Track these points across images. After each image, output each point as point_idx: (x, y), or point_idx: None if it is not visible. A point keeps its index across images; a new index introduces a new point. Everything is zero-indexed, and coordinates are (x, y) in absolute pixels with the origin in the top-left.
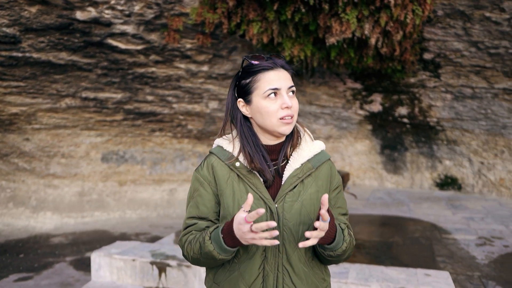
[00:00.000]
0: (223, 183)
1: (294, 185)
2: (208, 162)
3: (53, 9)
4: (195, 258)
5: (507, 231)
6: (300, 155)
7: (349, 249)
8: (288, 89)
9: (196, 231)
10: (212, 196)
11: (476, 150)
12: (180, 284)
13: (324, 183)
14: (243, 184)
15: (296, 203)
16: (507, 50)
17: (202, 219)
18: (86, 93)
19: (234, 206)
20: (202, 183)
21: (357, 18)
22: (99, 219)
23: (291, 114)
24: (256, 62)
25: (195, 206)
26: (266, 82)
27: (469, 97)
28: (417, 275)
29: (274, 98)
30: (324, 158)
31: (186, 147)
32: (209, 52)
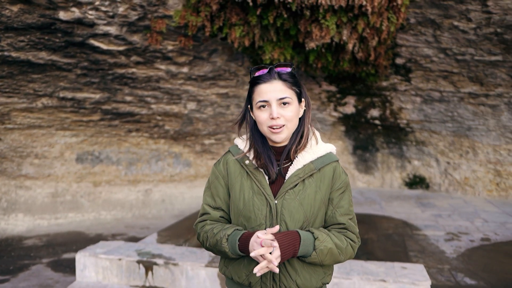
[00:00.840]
0: (233, 178)
1: (294, 183)
2: (224, 158)
3: (35, 9)
4: (209, 248)
5: (473, 227)
6: (303, 157)
7: (328, 256)
8: (278, 101)
9: (210, 221)
10: (225, 189)
11: (443, 150)
12: (167, 282)
13: (325, 184)
14: (250, 180)
15: (294, 200)
16: (472, 57)
17: (216, 209)
18: (64, 93)
19: (240, 199)
20: (218, 177)
21: (336, 24)
22: (73, 220)
23: (279, 124)
24: (256, 74)
25: (211, 196)
26: (257, 95)
27: (437, 100)
28: (395, 268)
29: (264, 109)
30: (328, 160)
31: (162, 148)
32: (189, 54)
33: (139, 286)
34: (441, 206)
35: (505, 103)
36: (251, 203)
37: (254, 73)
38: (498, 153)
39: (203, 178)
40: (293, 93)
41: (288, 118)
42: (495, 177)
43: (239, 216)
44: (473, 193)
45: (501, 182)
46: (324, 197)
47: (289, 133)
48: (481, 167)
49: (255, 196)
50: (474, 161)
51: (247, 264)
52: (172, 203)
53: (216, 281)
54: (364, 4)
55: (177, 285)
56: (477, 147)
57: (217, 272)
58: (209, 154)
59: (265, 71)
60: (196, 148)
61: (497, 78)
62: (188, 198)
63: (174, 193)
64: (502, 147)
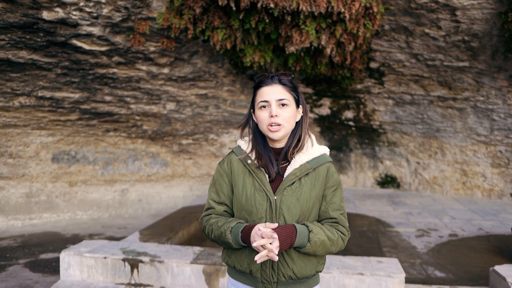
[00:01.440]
0: (236, 176)
1: (292, 181)
2: (228, 158)
3: (18, 8)
4: (213, 240)
5: (441, 223)
6: (300, 158)
7: (321, 247)
8: (277, 101)
9: (215, 214)
10: (228, 186)
11: (413, 151)
12: (153, 279)
13: (320, 182)
14: (252, 178)
15: (292, 197)
16: (442, 62)
17: (220, 204)
18: (42, 92)
19: (242, 195)
20: (222, 175)
21: (316, 29)
22: (48, 220)
23: (277, 122)
24: (258, 79)
25: (216, 192)
26: (259, 96)
27: (408, 103)
28: (371, 262)
29: (264, 109)
30: (322, 161)
31: (140, 148)
32: (171, 55)
33: (125, 284)
34: (411, 204)
35: (471, 106)
36: (253, 199)
37: (258, 79)
38: (464, 153)
39: (179, 178)
40: (291, 97)
41: (286, 118)
42: (461, 176)
43: (241, 210)
44: (441, 191)
45: (467, 181)
46: (318, 194)
47: (286, 132)
48: (448, 167)
49: (257, 192)
50: (442, 161)
51: (248, 253)
52: (149, 203)
53: (201, 277)
54: (343, 11)
55: (163, 282)
56: (445, 148)
57: (202, 268)
58: (186, 154)
59: (266, 77)
60: (173, 148)
61: (464, 82)
62: (165, 198)
63: (151, 192)
64: (468, 148)
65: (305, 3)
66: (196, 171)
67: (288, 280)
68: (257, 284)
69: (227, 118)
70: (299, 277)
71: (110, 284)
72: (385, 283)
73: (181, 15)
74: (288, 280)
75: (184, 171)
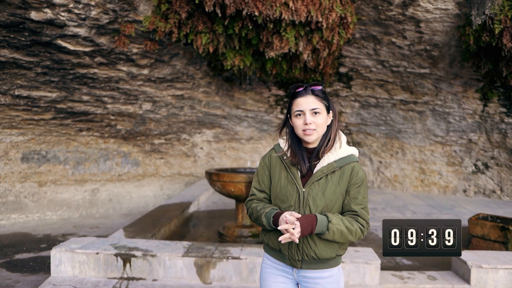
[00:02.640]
0: (274, 169)
1: (319, 177)
2: (269, 153)
3: (6, 7)
4: (253, 220)
5: (404, 217)
6: (328, 157)
7: (339, 235)
8: (311, 111)
9: (257, 200)
10: (268, 177)
11: (376, 151)
12: (145, 273)
13: (344, 179)
14: (286, 172)
15: (318, 190)
16: (405, 69)
17: (261, 191)
18: (19, 91)
19: (277, 185)
20: (263, 167)
21: (295, 37)
22: (16, 221)
23: (311, 128)
24: (295, 91)
25: (258, 181)
26: (295, 106)
27: (373, 105)
28: (349, 251)
29: (300, 117)
30: (349, 160)
31: (112, 147)
32: (152, 57)
33: (117, 278)
34: (375, 201)
35: (430, 109)
36: (285, 189)
37: (294, 90)
38: (423, 153)
39: (150, 177)
40: (322, 105)
41: (318, 124)
42: (420, 174)
43: (276, 198)
44: (402, 189)
45: (425, 178)
46: (342, 190)
47: (319, 136)
48: (408, 165)
49: (289, 184)
50: (402, 160)
51: (279, 235)
52: (119, 202)
53: (193, 269)
54: (320, 21)
55: (155, 275)
56: (406, 148)
57: (193, 261)
58: (157, 154)
59: (301, 89)
60: (145, 147)
61: (425, 88)
62: (136, 197)
63: (122, 192)
64: (426, 148)
65: (287, 12)
66: (167, 171)
67: (310, 260)
68: (285, 260)
69: (200, 118)
70: (320, 258)
71: (103, 279)
72: (363, 269)
73: (167, 19)
74: (311, 260)
75: (155, 170)
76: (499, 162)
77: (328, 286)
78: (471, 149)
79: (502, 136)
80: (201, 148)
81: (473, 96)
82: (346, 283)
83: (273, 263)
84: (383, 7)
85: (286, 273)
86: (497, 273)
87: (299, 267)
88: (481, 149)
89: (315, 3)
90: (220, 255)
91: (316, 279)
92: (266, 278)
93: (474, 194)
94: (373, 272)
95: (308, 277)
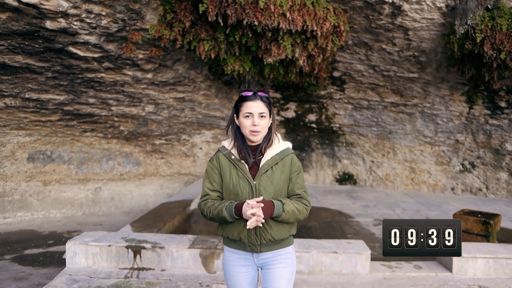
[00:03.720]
0: (224, 168)
1: (266, 169)
2: (216, 155)
3: (23, 17)
4: (211, 218)
5: (394, 214)
6: (270, 152)
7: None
8: (258, 114)
9: (211, 199)
10: (218, 176)
11: (368, 151)
12: (154, 263)
13: (286, 168)
14: (235, 169)
15: (267, 181)
16: (395, 73)
17: (214, 190)
18: (29, 94)
19: (230, 182)
20: (213, 168)
21: (291, 44)
22: (22, 219)
23: (258, 130)
24: (245, 94)
25: (209, 182)
26: (245, 108)
27: (365, 107)
28: (342, 243)
29: (248, 118)
30: (287, 152)
31: (114, 147)
32: (156, 62)
33: (128, 268)
34: (367, 198)
35: (419, 111)
36: (238, 184)
37: (243, 93)
38: (413, 153)
39: (151, 177)
40: (267, 110)
41: (263, 126)
42: (410, 173)
43: (230, 194)
44: (393, 187)
45: (415, 177)
46: (286, 177)
47: (262, 136)
48: (399, 165)
49: (240, 179)
50: (393, 160)
51: (237, 225)
52: (121, 201)
53: (198, 260)
54: (315, 29)
55: (163, 266)
56: (396, 148)
57: (199, 252)
58: (158, 154)
59: (250, 93)
60: (146, 148)
61: (414, 91)
62: (137, 196)
63: (123, 191)
64: (416, 148)
65: (284, 22)
66: (167, 170)
67: (268, 242)
68: (245, 248)
69: (200, 120)
70: (276, 239)
71: (115, 269)
72: (355, 259)
73: (171, 27)
74: (268, 242)
75: (156, 170)
76: (485, 161)
77: (285, 262)
78: (458, 149)
79: (487, 137)
80: (200, 148)
81: (459, 99)
82: (339, 272)
83: (234, 254)
84: (374, 17)
85: (247, 260)
86: (476, 261)
87: (259, 251)
88: (468, 149)
89: (310, 13)
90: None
91: (275, 258)
92: (230, 270)
93: (462, 192)
94: (364, 261)
95: (267, 258)
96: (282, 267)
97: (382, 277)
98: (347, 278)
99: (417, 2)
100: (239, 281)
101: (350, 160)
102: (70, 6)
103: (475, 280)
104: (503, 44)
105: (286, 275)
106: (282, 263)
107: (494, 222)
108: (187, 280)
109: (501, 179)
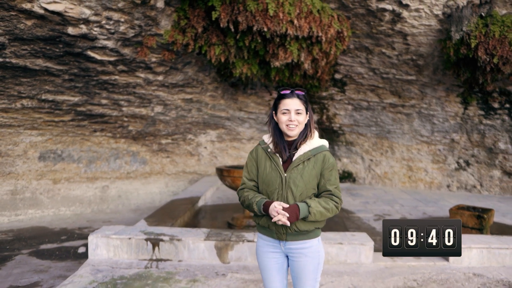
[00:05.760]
0: (260, 160)
1: (298, 164)
2: (256, 148)
3: (47, 24)
4: (245, 207)
5: (393, 210)
6: (304, 148)
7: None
8: (295, 110)
9: (247, 188)
10: (255, 167)
11: (367, 150)
12: (172, 254)
13: (318, 164)
14: (270, 161)
15: (297, 174)
16: (394, 75)
17: (250, 180)
18: (46, 95)
19: (264, 172)
20: (251, 160)
21: (297, 49)
22: (33, 216)
23: (294, 124)
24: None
25: (247, 171)
26: (283, 105)
27: (365, 108)
28: (347, 235)
29: (285, 115)
30: (320, 150)
31: (122, 147)
32: (167, 65)
33: (147, 259)
34: (367, 196)
35: (417, 112)
36: (270, 175)
37: (281, 91)
38: (410, 152)
39: (156, 175)
40: (303, 108)
41: (300, 122)
42: (407, 171)
43: (263, 183)
44: (391, 185)
45: (412, 175)
46: (317, 173)
47: (299, 131)
48: (397, 163)
49: (273, 171)
50: (392, 159)
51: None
52: (128, 198)
53: (213, 251)
54: (320, 35)
55: (180, 257)
56: (394, 147)
57: (214, 244)
58: (164, 153)
59: (288, 91)
60: (153, 147)
61: (411, 92)
62: (143, 193)
63: (129, 189)
64: (413, 147)
65: (292, 28)
66: (172, 169)
67: (293, 232)
68: (273, 235)
69: (206, 120)
70: (301, 230)
71: (135, 260)
72: (359, 250)
73: (184, 33)
74: (293, 232)
75: (161, 168)
76: (479, 159)
77: (309, 255)
78: (454, 148)
79: (481, 136)
80: (205, 148)
81: (455, 100)
82: (344, 262)
83: (264, 240)
84: (375, 23)
85: (275, 247)
86: (471, 251)
87: (285, 239)
88: (463, 148)
89: (316, 20)
90: (236, 239)
91: (300, 250)
92: (260, 255)
93: (457, 189)
94: (368, 252)
95: (293, 248)
96: (307, 260)
97: (384, 266)
98: (351, 267)
99: (416, 10)
100: (268, 266)
101: (350, 159)
102: (92, 13)
103: (470, 268)
104: (496, 49)
105: (311, 268)
106: (307, 256)
107: (487, 216)
108: (204, 270)
109: (494, 177)
